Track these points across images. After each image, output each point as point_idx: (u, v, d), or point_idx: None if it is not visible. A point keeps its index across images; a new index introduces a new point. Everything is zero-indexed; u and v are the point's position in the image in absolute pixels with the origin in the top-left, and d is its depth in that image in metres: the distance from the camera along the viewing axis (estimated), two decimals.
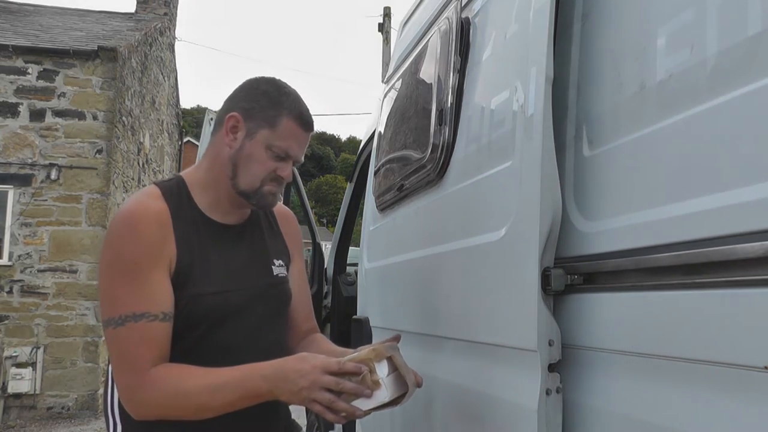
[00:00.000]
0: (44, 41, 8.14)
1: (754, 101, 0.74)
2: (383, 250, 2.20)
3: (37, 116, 7.73)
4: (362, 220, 2.62)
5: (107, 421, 1.33)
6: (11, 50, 7.66)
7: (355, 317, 2.48)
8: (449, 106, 1.55)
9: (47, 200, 7.62)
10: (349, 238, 3.78)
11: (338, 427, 3.22)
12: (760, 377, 0.70)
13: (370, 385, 1.13)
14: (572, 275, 1.06)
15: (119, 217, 1.26)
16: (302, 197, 3.72)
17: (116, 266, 1.22)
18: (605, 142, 1.03)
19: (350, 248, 3.82)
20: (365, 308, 2.42)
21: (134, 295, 1.19)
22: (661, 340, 0.86)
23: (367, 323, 2.32)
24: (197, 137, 7.81)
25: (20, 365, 7.20)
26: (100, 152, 7.81)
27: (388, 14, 14.41)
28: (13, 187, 7.56)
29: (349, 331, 2.54)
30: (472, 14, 1.56)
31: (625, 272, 0.95)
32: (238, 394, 1.17)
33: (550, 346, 1.06)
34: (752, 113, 0.74)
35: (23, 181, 7.61)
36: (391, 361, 1.18)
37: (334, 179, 61.17)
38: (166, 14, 10.97)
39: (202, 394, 1.17)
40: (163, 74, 10.78)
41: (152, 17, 10.66)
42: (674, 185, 0.86)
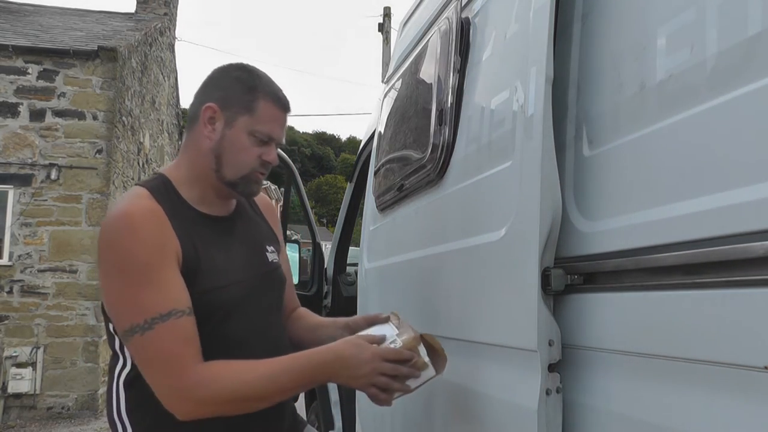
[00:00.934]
0: (44, 41, 8.13)
1: (754, 101, 0.74)
2: (383, 250, 2.20)
3: (37, 116, 7.72)
4: (362, 220, 2.62)
5: (114, 426, 1.27)
6: (11, 50, 7.64)
7: None
8: (449, 106, 1.55)
9: (47, 200, 7.61)
10: (349, 238, 3.77)
11: (338, 426, 3.23)
12: (760, 377, 0.70)
13: (420, 367, 1.24)
14: (572, 275, 1.06)
15: (113, 220, 1.21)
16: (302, 197, 3.72)
17: (127, 271, 1.17)
18: (605, 142, 1.03)
19: (350, 248, 3.82)
20: (365, 308, 2.41)
21: (155, 296, 1.16)
22: (661, 340, 0.86)
23: None
24: None
25: (20, 365, 7.20)
26: (100, 152, 7.80)
27: (388, 14, 14.42)
28: (13, 187, 7.55)
29: None
30: (472, 14, 1.56)
31: (625, 272, 0.95)
32: (297, 382, 1.22)
33: (550, 346, 1.06)
34: (752, 113, 0.74)
35: (23, 181, 7.60)
36: (424, 339, 1.28)
37: (334, 179, 61.15)
38: (166, 14, 10.96)
39: (260, 386, 1.19)
40: (163, 74, 10.78)
41: (152, 17, 10.65)
42: (674, 185, 0.86)
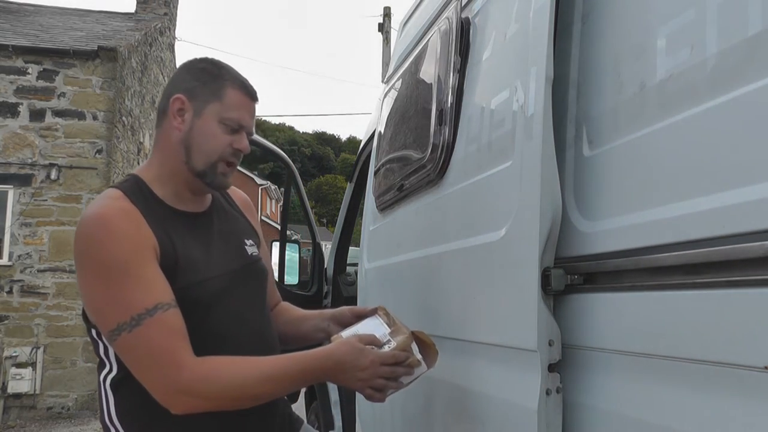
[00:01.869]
0: (44, 41, 8.14)
1: (754, 101, 0.74)
2: (383, 250, 2.20)
3: (37, 116, 7.72)
4: (362, 220, 2.62)
5: (107, 431, 1.27)
6: (11, 50, 7.65)
7: None
8: (449, 106, 1.55)
9: (47, 200, 7.62)
10: (349, 238, 3.77)
11: (338, 426, 3.23)
12: (760, 377, 0.70)
13: (414, 365, 1.28)
14: (572, 275, 1.06)
15: (88, 224, 1.20)
16: (302, 197, 3.72)
17: (107, 271, 1.17)
18: (605, 142, 1.03)
19: (350, 248, 3.82)
20: None
21: (138, 292, 1.16)
22: (661, 340, 0.86)
23: None
24: None
25: (20, 365, 7.20)
26: (100, 152, 7.81)
27: (388, 14, 14.42)
28: (13, 187, 7.56)
29: None
30: (472, 14, 1.56)
31: (625, 272, 0.95)
32: (294, 383, 1.25)
33: (550, 346, 1.06)
34: (752, 113, 0.74)
35: (23, 181, 7.61)
36: (415, 335, 1.32)
37: (334, 179, 61.11)
38: (166, 14, 10.96)
39: (257, 384, 1.20)
40: (163, 74, 10.77)
41: (152, 17, 10.65)
42: (674, 185, 0.86)
